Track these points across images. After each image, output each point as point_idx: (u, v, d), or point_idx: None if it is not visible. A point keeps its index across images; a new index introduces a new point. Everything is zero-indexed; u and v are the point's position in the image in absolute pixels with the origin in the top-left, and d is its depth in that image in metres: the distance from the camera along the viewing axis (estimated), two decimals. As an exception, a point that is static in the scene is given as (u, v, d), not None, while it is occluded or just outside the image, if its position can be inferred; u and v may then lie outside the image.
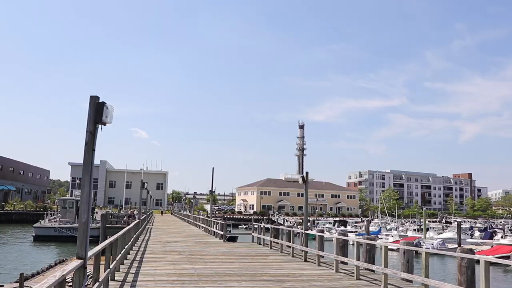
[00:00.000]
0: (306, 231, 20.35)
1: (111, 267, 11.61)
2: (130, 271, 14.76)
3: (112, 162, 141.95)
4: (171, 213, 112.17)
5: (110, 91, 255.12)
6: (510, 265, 9.92)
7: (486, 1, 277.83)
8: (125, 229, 17.59)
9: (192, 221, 56.28)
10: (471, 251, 12.15)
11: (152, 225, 51.08)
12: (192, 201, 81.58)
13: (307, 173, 19.18)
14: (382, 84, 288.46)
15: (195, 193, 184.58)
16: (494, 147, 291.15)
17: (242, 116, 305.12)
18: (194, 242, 29.27)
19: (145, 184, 40.30)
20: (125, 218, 45.40)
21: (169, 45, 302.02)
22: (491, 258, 10.66)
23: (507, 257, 34.80)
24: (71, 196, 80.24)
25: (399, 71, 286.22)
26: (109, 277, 11.65)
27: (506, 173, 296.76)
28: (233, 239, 34.02)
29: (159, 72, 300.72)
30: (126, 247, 16.99)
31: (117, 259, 13.14)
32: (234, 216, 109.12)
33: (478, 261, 10.05)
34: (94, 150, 7.16)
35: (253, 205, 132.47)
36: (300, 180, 19.31)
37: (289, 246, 22.31)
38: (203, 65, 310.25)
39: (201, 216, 56.18)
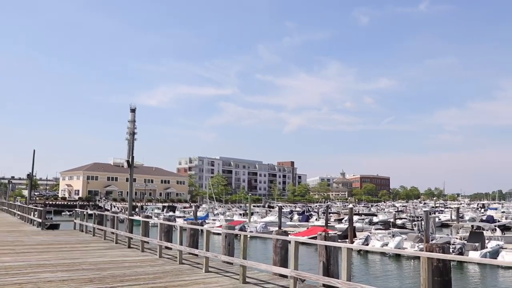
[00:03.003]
0: (131, 217, 19.97)
1: None
2: None
3: None
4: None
5: None
6: (317, 245, 10.94)
7: (316, 4, 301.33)
8: None
9: (7, 208, 51.89)
10: (285, 233, 13.06)
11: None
12: (8, 186, 74.42)
13: (132, 157, 18.79)
14: (217, 72, 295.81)
15: (12, 177, 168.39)
16: (313, 138, 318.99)
17: (73, 96, 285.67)
18: (7, 231, 27.06)
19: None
20: None
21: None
22: (300, 239, 11.58)
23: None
24: None
25: (233, 62, 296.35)
26: None
27: (323, 162, 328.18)
28: (54, 227, 32.29)
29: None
30: None
31: None
32: (58, 202, 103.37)
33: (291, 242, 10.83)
34: None
35: (78, 191, 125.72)
36: (125, 165, 18.92)
37: (113, 233, 21.68)
38: (35, 38, 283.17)
39: (17, 203, 52.05)
